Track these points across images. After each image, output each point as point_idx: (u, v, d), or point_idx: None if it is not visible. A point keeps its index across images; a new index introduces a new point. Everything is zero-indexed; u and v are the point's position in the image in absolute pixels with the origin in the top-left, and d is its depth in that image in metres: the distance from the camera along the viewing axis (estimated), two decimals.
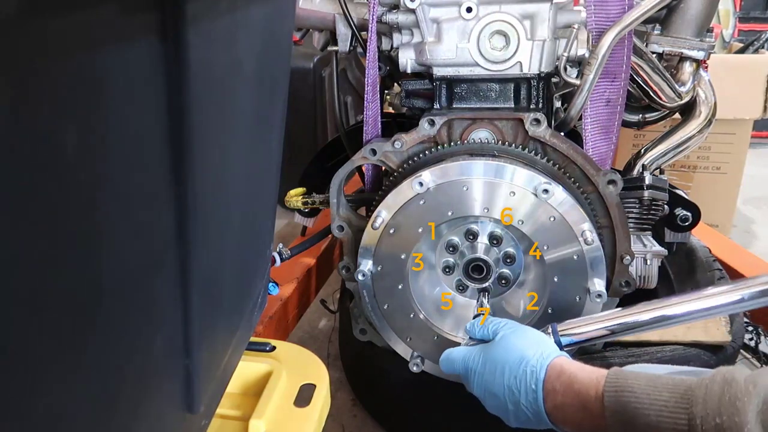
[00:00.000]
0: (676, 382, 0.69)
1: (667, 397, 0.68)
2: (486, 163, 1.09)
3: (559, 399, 0.80)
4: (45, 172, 0.33)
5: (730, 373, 0.66)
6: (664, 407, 0.68)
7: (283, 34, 0.76)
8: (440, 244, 1.17)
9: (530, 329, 0.95)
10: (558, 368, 0.83)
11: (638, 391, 0.71)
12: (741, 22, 3.96)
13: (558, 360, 0.84)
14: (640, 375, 0.73)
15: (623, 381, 0.73)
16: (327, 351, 1.86)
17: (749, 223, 2.87)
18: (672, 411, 0.67)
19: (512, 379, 0.85)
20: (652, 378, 0.72)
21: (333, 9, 1.26)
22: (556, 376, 0.82)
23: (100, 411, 0.45)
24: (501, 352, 0.89)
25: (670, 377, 0.71)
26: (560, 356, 0.86)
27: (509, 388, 0.85)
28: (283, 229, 2.51)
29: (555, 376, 0.82)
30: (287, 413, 0.83)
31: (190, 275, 0.54)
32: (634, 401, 0.70)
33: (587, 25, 1.15)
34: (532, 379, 0.83)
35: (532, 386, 0.83)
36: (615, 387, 0.73)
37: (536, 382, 0.83)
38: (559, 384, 0.81)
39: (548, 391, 0.82)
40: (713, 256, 1.47)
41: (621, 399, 0.72)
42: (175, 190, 0.49)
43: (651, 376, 0.73)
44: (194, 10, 0.45)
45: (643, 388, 0.71)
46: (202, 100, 0.50)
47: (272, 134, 0.78)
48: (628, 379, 0.73)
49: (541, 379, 0.82)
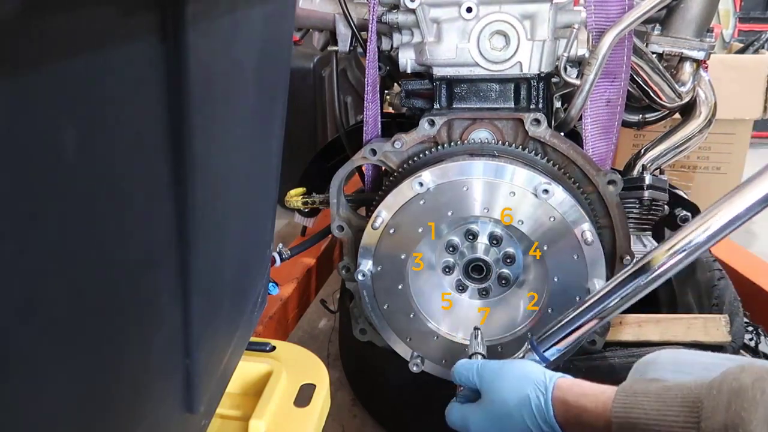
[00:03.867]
0: (685, 394, 0.68)
1: (676, 412, 0.67)
2: (486, 163, 1.09)
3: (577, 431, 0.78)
4: (45, 172, 0.33)
5: (738, 382, 0.63)
6: (674, 422, 0.66)
7: (283, 34, 0.76)
8: (440, 244, 1.17)
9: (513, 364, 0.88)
10: (562, 400, 0.79)
11: (648, 407, 0.69)
12: (741, 22, 3.96)
13: (558, 391, 0.80)
14: (650, 391, 0.71)
15: (632, 399, 0.71)
16: (327, 351, 1.86)
17: (749, 223, 2.87)
18: (682, 427, 0.65)
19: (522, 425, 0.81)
20: (662, 392, 0.70)
21: (333, 9, 1.26)
22: (565, 410, 0.78)
23: (99, 411, 0.45)
24: (497, 405, 0.84)
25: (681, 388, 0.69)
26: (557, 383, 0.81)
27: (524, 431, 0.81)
28: (283, 229, 2.51)
29: (564, 410, 0.78)
30: (287, 413, 0.83)
31: (190, 275, 0.54)
32: (644, 419, 0.69)
33: (587, 25, 1.15)
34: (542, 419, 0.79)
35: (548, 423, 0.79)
36: (624, 406, 0.72)
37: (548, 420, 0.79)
38: (570, 416, 0.78)
39: (563, 426, 0.79)
40: (713, 256, 1.47)
41: (630, 419, 0.70)
42: (175, 190, 0.49)
43: (661, 390, 0.70)
44: (194, 10, 0.45)
45: (652, 405, 0.69)
46: (202, 100, 0.50)
47: (272, 134, 0.78)
48: (638, 396, 0.71)
49: (552, 415, 0.79)
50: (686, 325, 1.25)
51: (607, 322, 1.19)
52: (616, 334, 1.25)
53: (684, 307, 1.43)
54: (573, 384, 0.81)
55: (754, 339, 1.43)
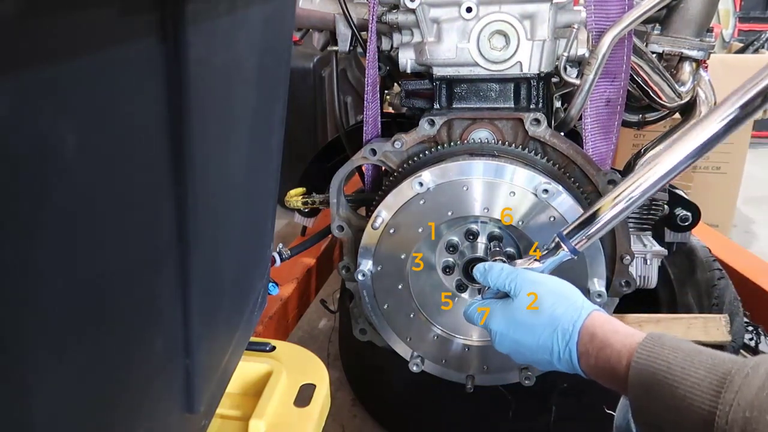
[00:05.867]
0: (716, 362, 0.65)
1: (702, 375, 0.64)
2: (486, 163, 1.09)
3: (592, 362, 0.77)
4: (45, 172, 0.33)
5: None
6: (696, 385, 0.64)
7: (283, 34, 0.76)
8: (440, 244, 1.17)
9: (552, 280, 0.88)
10: (590, 331, 0.78)
11: (673, 362, 0.67)
12: (741, 22, 3.96)
13: (590, 321, 0.79)
14: (680, 347, 0.69)
15: (659, 351, 0.69)
16: (327, 351, 1.86)
17: (749, 223, 2.87)
18: (704, 390, 0.63)
19: (544, 340, 0.81)
20: (692, 353, 0.68)
21: (333, 9, 1.26)
22: (589, 339, 0.78)
23: (99, 411, 0.45)
24: (526, 313, 0.84)
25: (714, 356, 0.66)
26: (591, 314, 0.80)
27: (542, 347, 0.82)
28: (283, 229, 2.51)
29: (588, 339, 0.78)
30: (287, 413, 0.83)
31: (190, 275, 0.54)
32: (665, 371, 0.67)
33: (587, 25, 1.15)
34: (563, 343, 0.80)
35: (566, 350, 0.79)
36: (649, 354, 0.70)
37: (569, 345, 0.79)
38: (592, 347, 0.77)
39: (581, 353, 0.79)
40: (713, 256, 1.47)
41: (651, 368, 0.68)
42: (175, 190, 0.49)
43: (692, 350, 0.68)
44: (194, 10, 0.45)
45: (678, 361, 0.67)
46: (202, 100, 0.50)
47: (272, 134, 0.78)
48: (665, 348, 0.69)
49: (575, 342, 0.79)
50: (686, 325, 1.25)
51: None
52: None
53: (684, 307, 1.43)
54: (606, 321, 0.79)
55: (754, 339, 1.43)
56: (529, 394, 1.22)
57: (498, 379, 1.21)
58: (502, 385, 1.25)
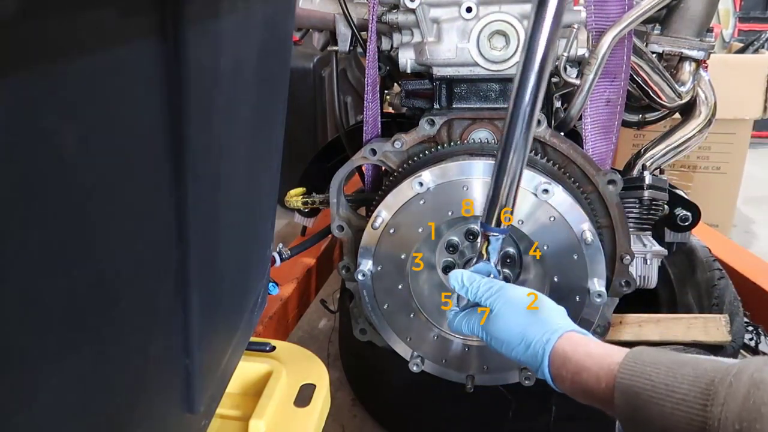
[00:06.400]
0: (699, 373, 0.64)
1: (686, 390, 0.63)
2: (486, 163, 1.09)
3: (568, 385, 0.77)
4: (45, 172, 0.33)
5: (761, 374, 0.59)
6: (682, 401, 0.63)
7: (283, 34, 0.76)
8: (440, 244, 1.17)
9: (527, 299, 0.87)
10: (562, 355, 0.77)
11: (656, 379, 0.66)
12: (741, 22, 3.96)
13: (560, 344, 0.78)
14: (660, 362, 0.68)
15: (640, 368, 0.68)
16: (327, 351, 1.86)
17: (749, 223, 2.87)
18: (690, 406, 0.62)
19: (520, 357, 0.82)
20: (674, 366, 0.66)
21: (333, 9, 1.26)
22: (562, 363, 0.77)
23: (99, 411, 0.45)
24: (501, 330, 0.84)
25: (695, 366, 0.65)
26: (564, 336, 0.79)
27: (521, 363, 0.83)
28: (283, 229, 2.51)
29: (561, 364, 0.77)
30: (287, 413, 0.83)
31: (190, 275, 0.54)
32: (649, 390, 0.66)
33: (587, 25, 1.15)
34: (535, 365, 0.80)
35: (539, 372, 0.80)
36: (631, 374, 0.69)
37: (542, 368, 0.79)
38: (566, 372, 0.76)
39: (555, 377, 0.78)
40: (713, 256, 1.47)
41: (635, 388, 0.67)
42: (175, 190, 0.49)
43: (673, 363, 0.67)
44: (194, 10, 0.45)
45: (661, 377, 0.66)
46: (201, 100, 0.50)
47: (272, 134, 0.78)
48: (646, 366, 0.68)
49: (546, 365, 0.79)
50: (686, 325, 1.25)
51: (607, 322, 1.19)
52: (616, 334, 1.25)
53: (684, 307, 1.43)
54: (578, 343, 0.78)
55: (754, 339, 1.43)
56: (529, 394, 1.21)
57: (498, 379, 1.21)
58: (502, 385, 1.25)
